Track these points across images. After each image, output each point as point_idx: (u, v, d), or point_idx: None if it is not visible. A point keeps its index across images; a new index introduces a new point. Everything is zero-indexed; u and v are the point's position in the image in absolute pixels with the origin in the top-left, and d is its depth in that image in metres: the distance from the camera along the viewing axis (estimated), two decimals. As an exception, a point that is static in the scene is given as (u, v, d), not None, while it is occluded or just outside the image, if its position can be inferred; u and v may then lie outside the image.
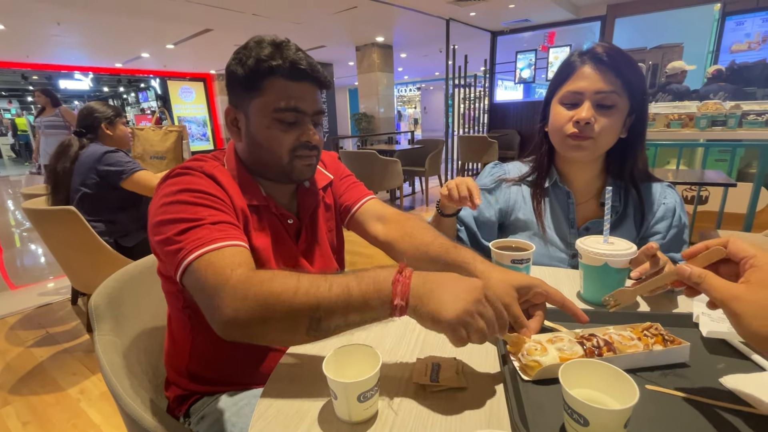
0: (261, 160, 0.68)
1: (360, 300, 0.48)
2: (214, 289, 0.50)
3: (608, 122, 0.77)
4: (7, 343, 1.95)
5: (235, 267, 0.51)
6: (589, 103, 0.77)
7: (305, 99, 0.65)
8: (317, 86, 0.67)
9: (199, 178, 0.61)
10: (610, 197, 0.67)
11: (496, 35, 6.69)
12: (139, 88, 13.78)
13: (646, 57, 4.81)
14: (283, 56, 0.62)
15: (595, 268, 0.67)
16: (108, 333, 0.73)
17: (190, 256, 0.52)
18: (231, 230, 0.57)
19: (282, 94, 0.63)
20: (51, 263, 3.07)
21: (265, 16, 5.56)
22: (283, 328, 0.49)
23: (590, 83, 0.77)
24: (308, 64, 0.64)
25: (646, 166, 0.88)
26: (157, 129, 2.53)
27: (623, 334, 0.53)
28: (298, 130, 0.66)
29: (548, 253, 0.90)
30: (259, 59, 0.62)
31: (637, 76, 0.78)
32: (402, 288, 0.47)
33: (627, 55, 0.77)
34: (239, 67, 0.64)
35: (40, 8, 4.92)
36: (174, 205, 0.57)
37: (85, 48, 7.81)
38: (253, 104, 0.65)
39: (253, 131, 0.66)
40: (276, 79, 0.63)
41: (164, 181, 0.62)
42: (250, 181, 0.69)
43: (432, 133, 15.45)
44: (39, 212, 1.65)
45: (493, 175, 0.99)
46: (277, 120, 0.64)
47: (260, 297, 0.48)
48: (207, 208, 0.58)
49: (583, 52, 0.79)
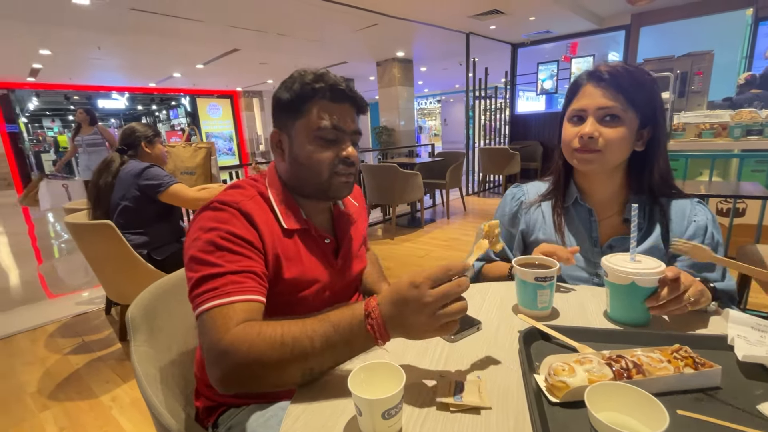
0: (302, 178, 0.73)
1: (343, 345, 0.53)
2: (208, 350, 0.55)
3: (614, 135, 0.79)
4: (46, 351, 2.05)
5: (231, 327, 0.54)
6: (592, 119, 0.81)
7: (345, 119, 0.71)
8: (355, 109, 0.73)
9: (233, 216, 0.65)
10: (636, 214, 0.66)
11: (516, 47, 6.69)
12: (170, 105, 14.45)
13: (674, 66, 4.67)
14: (324, 80, 0.69)
15: (622, 287, 0.65)
16: (143, 344, 0.76)
17: (200, 307, 0.57)
18: (248, 281, 0.60)
19: (324, 114, 0.69)
20: (84, 273, 3.22)
21: (289, 36, 5.77)
22: (276, 383, 0.55)
23: (592, 100, 0.81)
24: (347, 87, 0.71)
25: (668, 180, 0.86)
26: (187, 146, 2.65)
27: (652, 356, 0.52)
28: (337, 147, 0.71)
29: (571, 273, 0.89)
30: (303, 84, 0.69)
31: (644, 90, 0.79)
32: (378, 329, 0.52)
33: (633, 71, 0.80)
34: (285, 92, 0.70)
35: (84, 35, 5.28)
36: (205, 244, 0.62)
37: (123, 69, 8.30)
38: (297, 125, 0.70)
39: (296, 150, 0.71)
40: (318, 101, 0.69)
41: (202, 211, 0.66)
42: (293, 205, 0.74)
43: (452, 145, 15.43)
44: (79, 226, 1.76)
45: (514, 198, 1.01)
46: (318, 138, 0.69)
47: (249, 361, 0.52)
48: (232, 254, 0.61)
49: (586, 73, 0.84)
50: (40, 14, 4.31)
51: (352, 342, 0.53)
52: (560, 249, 0.80)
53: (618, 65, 0.80)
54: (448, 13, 5.00)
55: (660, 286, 0.64)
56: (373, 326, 0.52)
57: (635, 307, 0.65)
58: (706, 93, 4.59)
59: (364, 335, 0.52)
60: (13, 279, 3.29)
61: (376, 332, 0.52)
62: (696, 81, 4.54)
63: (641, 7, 5.06)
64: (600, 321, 0.70)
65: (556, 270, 0.71)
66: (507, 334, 0.67)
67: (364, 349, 0.55)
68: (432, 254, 3.33)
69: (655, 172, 0.83)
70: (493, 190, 6.33)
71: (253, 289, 0.60)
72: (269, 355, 0.52)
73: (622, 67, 0.80)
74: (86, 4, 4.01)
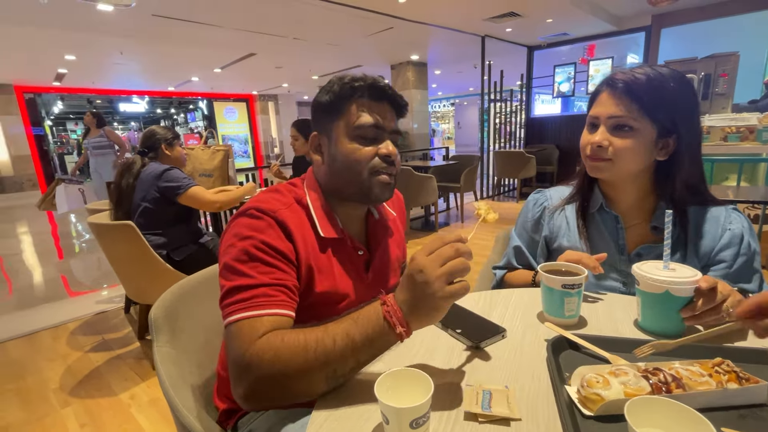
0: (342, 179, 0.71)
1: (365, 343, 0.53)
2: (233, 363, 0.55)
3: (625, 145, 0.77)
4: (68, 348, 2.10)
5: (256, 339, 0.54)
6: (603, 128, 0.79)
7: (384, 117, 0.70)
8: (395, 109, 0.72)
9: (269, 226, 0.64)
10: (670, 220, 0.63)
11: (532, 50, 6.61)
12: (188, 109, 14.75)
13: (698, 68, 4.55)
14: (364, 80, 0.69)
15: (655, 296, 0.63)
16: (165, 345, 0.77)
17: (229, 317, 0.57)
18: (280, 295, 0.60)
19: (363, 111, 0.69)
20: (105, 273, 3.30)
21: (305, 40, 5.83)
22: (301, 392, 0.54)
23: (605, 109, 0.79)
24: (387, 85, 0.70)
25: (697, 189, 0.82)
26: (205, 148, 2.69)
27: (692, 369, 0.49)
28: (377, 145, 0.70)
29: (596, 281, 0.87)
30: (343, 84, 0.69)
31: (664, 99, 0.75)
32: (396, 317, 0.52)
33: (653, 78, 0.76)
34: (325, 95, 0.70)
35: (107, 40, 5.44)
36: (239, 253, 0.61)
37: (143, 73, 8.51)
38: (336, 126, 0.70)
39: (335, 151, 0.70)
40: (358, 99, 0.69)
41: (239, 217, 0.65)
42: (330, 213, 0.73)
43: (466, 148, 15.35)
44: (101, 226, 1.79)
45: (537, 204, 0.99)
46: (358, 137, 0.69)
47: (273, 372, 0.52)
48: (265, 266, 0.61)
49: (604, 80, 0.82)
50: (67, 20, 4.45)
51: (373, 336, 0.52)
52: (586, 256, 0.78)
53: (639, 71, 0.77)
54: (464, 16, 4.98)
55: (696, 296, 0.61)
56: (389, 312, 0.52)
57: (669, 317, 0.63)
58: (731, 95, 4.45)
59: (383, 328, 0.52)
60: (36, 277, 3.39)
61: (392, 317, 0.52)
62: (720, 83, 4.41)
63: (662, 8, 4.95)
64: (630, 330, 0.68)
65: (584, 277, 0.69)
66: (533, 343, 0.65)
67: (385, 345, 0.54)
68: (446, 258, 3.30)
69: (678, 183, 0.80)
70: (508, 194, 6.26)
71: (283, 303, 0.60)
72: (293, 361, 0.52)
73: (643, 73, 0.76)
74: (110, 10, 4.13)
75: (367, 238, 0.81)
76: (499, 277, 1.00)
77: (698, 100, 0.82)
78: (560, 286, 0.67)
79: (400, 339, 0.53)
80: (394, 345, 0.55)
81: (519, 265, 0.99)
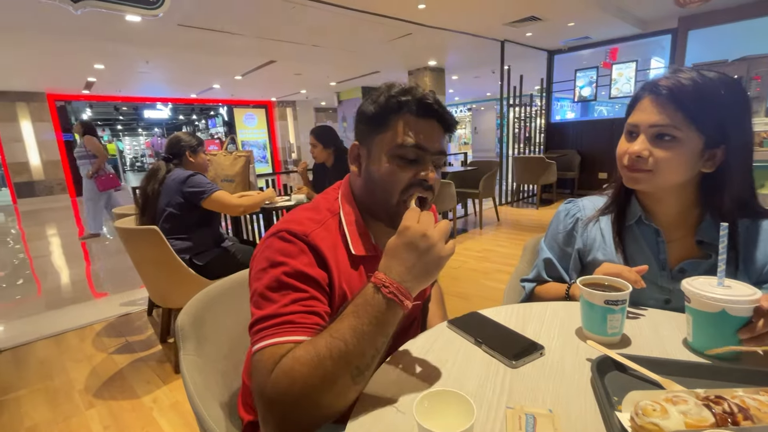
0: (373, 198, 0.69)
1: (374, 329, 0.52)
2: (257, 398, 0.53)
3: (667, 156, 0.71)
4: (93, 349, 2.14)
5: (271, 371, 0.52)
6: (643, 137, 0.73)
7: (429, 136, 0.66)
8: (443, 127, 0.68)
9: (302, 252, 0.62)
10: (725, 234, 0.59)
11: (553, 54, 6.51)
12: (209, 115, 15.12)
13: (728, 70, 4.39)
14: (412, 94, 0.65)
15: (709, 315, 0.59)
16: (192, 353, 0.76)
17: (256, 345, 0.56)
18: (307, 321, 0.57)
19: (407, 129, 0.65)
20: (129, 276, 3.37)
21: (324, 47, 5.89)
22: (332, 403, 0.52)
23: (646, 116, 0.73)
24: (436, 101, 0.66)
25: (747, 203, 0.76)
26: (227, 154, 2.73)
27: (759, 398, 0.45)
28: (417, 168, 0.66)
29: (634, 298, 0.82)
30: (389, 96, 0.66)
31: (713, 107, 0.69)
32: (401, 293, 0.53)
33: (701, 85, 0.69)
34: (370, 105, 0.68)
35: (134, 50, 5.62)
36: (271, 280, 0.59)
37: (167, 82, 8.76)
38: (377, 139, 0.67)
39: (372, 166, 0.68)
40: (403, 115, 0.65)
41: (270, 237, 0.64)
42: (363, 228, 0.71)
43: (483, 154, 15.22)
44: (127, 231, 1.83)
45: (569, 214, 0.94)
46: (398, 156, 0.65)
47: (296, 396, 0.50)
48: (297, 292, 0.59)
49: (645, 84, 0.76)
50: (97, 31, 4.62)
51: (380, 320, 0.52)
52: (627, 270, 0.73)
53: (685, 76, 0.70)
54: (484, 22, 4.95)
55: (755, 316, 0.57)
56: (393, 293, 0.53)
57: (726, 338, 0.58)
58: (765, 99, 4.27)
59: (387, 307, 0.53)
60: (63, 279, 3.49)
61: (398, 296, 0.53)
62: (753, 86, 4.24)
63: (691, 10, 4.80)
64: (680, 350, 0.63)
65: (628, 293, 0.65)
66: (574, 362, 0.62)
67: (395, 321, 0.54)
68: (466, 266, 3.25)
69: (726, 197, 0.74)
70: (528, 200, 6.14)
71: (310, 329, 0.57)
72: (314, 376, 0.50)
73: (690, 78, 0.70)
74: (138, 21, 4.26)
75: None
76: (528, 290, 0.96)
77: (750, 108, 0.75)
78: (603, 302, 0.64)
79: (406, 309, 0.54)
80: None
81: (549, 278, 0.95)
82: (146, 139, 20.03)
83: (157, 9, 2.60)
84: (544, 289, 0.94)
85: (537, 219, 4.94)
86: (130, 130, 19.55)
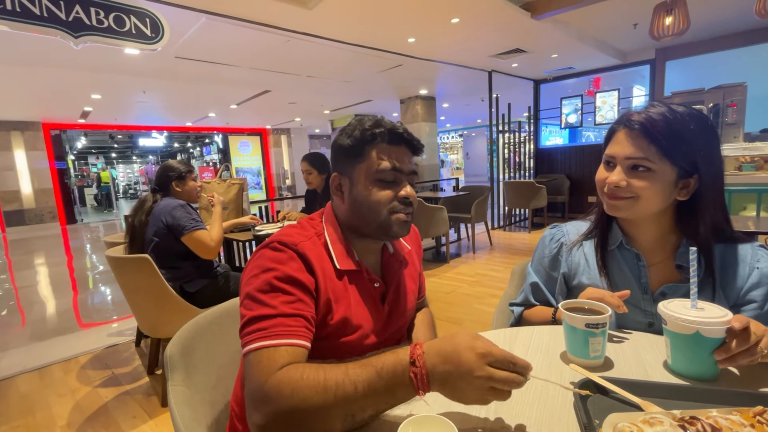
0: (362, 218, 0.75)
1: (386, 393, 0.52)
2: (251, 392, 0.55)
3: (643, 186, 0.75)
4: (78, 382, 2.08)
5: (275, 370, 0.54)
6: (620, 168, 0.78)
7: (402, 160, 0.74)
8: (411, 150, 0.77)
9: (291, 259, 0.67)
10: (695, 258, 0.62)
11: (539, 83, 6.77)
12: (204, 143, 15.28)
13: (705, 98, 4.60)
14: (383, 125, 0.73)
15: (685, 337, 0.61)
16: (180, 383, 0.76)
17: (248, 346, 0.58)
18: (298, 326, 0.61)
19: (383, 156, 0.73)
20: (117, 305, 3.31)
21: (318, 77, 6.07)
22: (317, 429, 0.53)
23: (621, 149, 0.77)
24: (404, 130, 0.75)
25: (721, 228, 0.79)
26: (221, 182, 2.76)
27: (731, 418, 0.47)
28: (396, 188, 0.74)
29: (618, 321, 0.84)
30: (363, 130, 0.73)
31: (683, 141, 0.73)
32: (421, 380, 0.51)
33: (672, 120, 0.73)
34: (346, 139, 0.75)
35: (132, 80, 5.75)
36: (261, 284, 0.63)
37: (163, 111, 8.90)
38: (357, 168, 0.74)
39: (357, 192, 0.74)
40: (377, 144, 0.73)
41: (262, 249, 0.69)
42: (347, 247, 0.76)
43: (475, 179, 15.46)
44: (118, 259, 1.82)
45: (554, 239, 0.97)
46: (378, 180, 0.73)
47: (291, 407, 0.51)
48: (286, 295, 0.63)
49: (620, 118, 0.80)
50: (95, 63, 4.74)
51: (395, 390, 0.52)
52: (609, 294, 0.76)
53: (656, 111, 0.74)
54: (471, 54, 5.16)
55: (728, 337, 0.59)
56: (416, 375, 0.51)
57: (701, 360, 0.60)
58: (741, 124, 4.46)
59: (406, 384, 0.52)
60: (50, 309, 3.41)
61: (418, 382, 0.51)
62: (730, 113, 4.43)
63: (666, 42, 5.07)
64: (660, 373, 0.65)
65: (609, 316, 0.67)
66: (557, 385, 0.63)
67: (406, 398, 0.53)
68: (459, 290, 3.25)
69: (701, 224, 0.77)
70: (519, 224, 6.21)
71: (300, 334, 0.60)
72: (312, 399, 0.51)
73: (661, 114, 0.74)
74: (136, 53, 4.39)
75: (382, 271, 0.82)
76: (517, 314, 0.98)
77: (719, 140, 0.79)
78: (584, 326, 0.65)
79: (418, 396, 0.53)
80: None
81: (536, 302, 0.97)
82: (140, 166, 20.09)
83: (156, 44, 2.69)
84: (532, 313, 0.95)
85: (529, 243, 4.98)
86: (124, 158, 19.63)
